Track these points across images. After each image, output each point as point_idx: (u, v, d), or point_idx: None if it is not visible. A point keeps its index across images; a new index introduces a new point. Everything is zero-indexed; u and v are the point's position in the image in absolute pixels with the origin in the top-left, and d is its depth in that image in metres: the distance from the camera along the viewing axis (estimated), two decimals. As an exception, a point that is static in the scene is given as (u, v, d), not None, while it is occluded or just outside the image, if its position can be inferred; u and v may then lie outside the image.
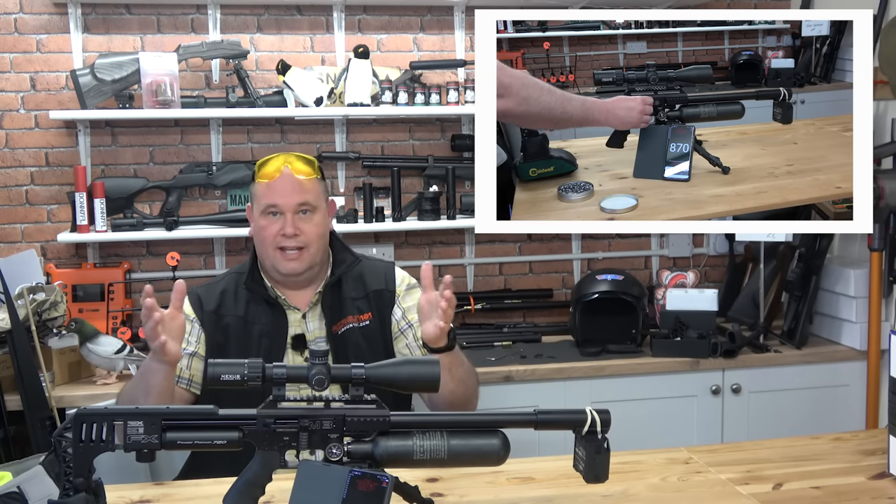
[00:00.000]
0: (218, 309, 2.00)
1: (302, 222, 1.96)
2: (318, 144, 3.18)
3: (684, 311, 2.89)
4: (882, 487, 1.57)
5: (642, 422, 2.73)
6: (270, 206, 1.96)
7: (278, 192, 1.96)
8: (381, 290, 2.07)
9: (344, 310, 2.02)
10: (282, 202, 1.95)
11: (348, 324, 2.01)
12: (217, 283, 2.07)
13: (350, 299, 2.03)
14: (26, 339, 2.42)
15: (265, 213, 1.97)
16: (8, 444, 2.42)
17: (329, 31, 3.16)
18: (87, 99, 2.81)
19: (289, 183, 1.96)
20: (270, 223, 1.96)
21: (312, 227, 1.97)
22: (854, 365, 2.90)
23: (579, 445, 1.37)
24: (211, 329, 1.99)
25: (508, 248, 3.35)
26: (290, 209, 1.95)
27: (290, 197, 1.96)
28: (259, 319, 1.99)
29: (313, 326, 2.02)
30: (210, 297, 2.02)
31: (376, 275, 2.09)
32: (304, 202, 1.97)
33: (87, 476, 1.26)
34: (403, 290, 2.09)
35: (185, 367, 1.95)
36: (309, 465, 1.29)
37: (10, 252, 2.92)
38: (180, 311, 1.75)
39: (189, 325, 1.98)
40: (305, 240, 1.96)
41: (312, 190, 1.99)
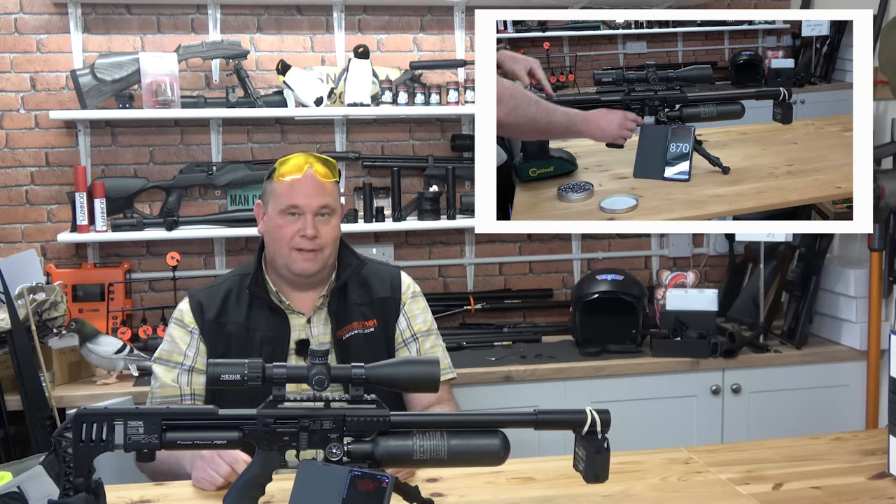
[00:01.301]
0: (219, 317, 1.97)
1: (321, 225, 1.94)
2: (318, 144, 3.18)
3: (684, 311, 2.89)
4: (882, 487, 1.57)
5: (642, 422, 2.73)
6: (292, 206, 1.93)
7: (300, 193, 1.93)
8: (386, 298, 2.05)
9: (349, 315, 2.00)
10: (304, 203, 1.93)
11: (353, 330, 2.00)
12: (220, 286, 2.03)
13: (355, 305, 2.02)
14: (26, 339, 2.42)
15: (284, 212, 1.94)
16: (8, 444, 2.42)
17: (329, 31, 3.16)
18: (87, 99, 2.81)
19: (311, 184, 1.94)
20: (289, 223, 1.94)
21: (330, 230, 1.96)
22: (854, 365, 2.90)
23: (579, 445, 1.37)
24: (212, 338, 1.96)
25: (508, 248, 3.35)
26: (311, 210, 1.93)
27: (313, 198, 1.93)
28: (261, 325, 1.97)
29: (318, 331, 1.99)
30: (212, 302, 1.99)
31: (382, 281, 2.07)
32: (326, 205, 1.95)
33: (87, 476, 1.26)
34: (409, 297, 2.08)
35: (185, 383, 1.94)
36: (309, 465, 1.29)
37: (10, 252, 2.92)
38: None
39: (188, 337, 1.97)
40: (322, 242, 1.94)
41: (332, 193, 1.98)
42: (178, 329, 1.99)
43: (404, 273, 2.13)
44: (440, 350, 2.10)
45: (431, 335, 2.09)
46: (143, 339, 2.86)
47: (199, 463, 1.62)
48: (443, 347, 2.12)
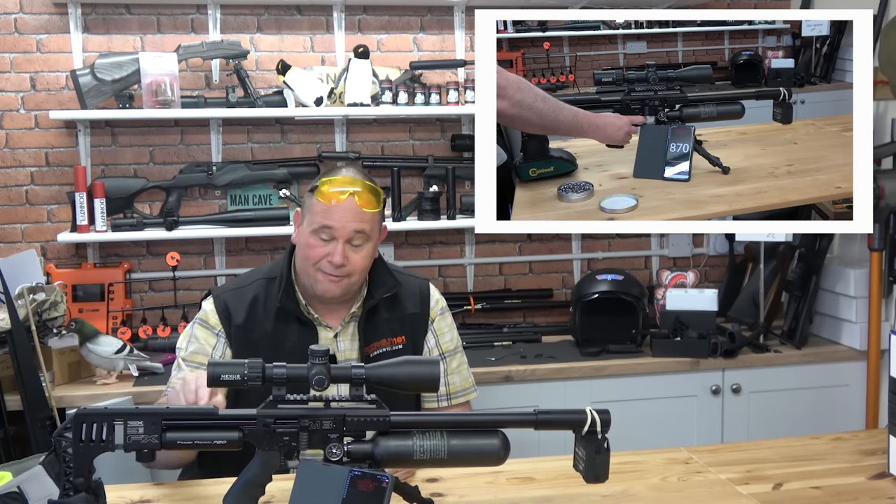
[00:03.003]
0: (246, 322, 1.91)
1: (352, 252, 1.87)
2: (318, 144, 3.18)
3: (684, 311, 2.89)
4: (882, 487, 1.57)
5: (642, 422, 2.73)
6: (325, 227, 1.86)
7: (337, 217, 1.86)
8: (416, 314, 2.01)
9: (379, 332, 1.96)
10: (338, 227, 1.85)
11: (382, 347, 1.95)
12: (246, 289, 1.96)
13: (385, 321, 1.97)
14: (26, 339, 2.42)
15: (317, 232, 1.87)
16: (8, 444, 2.42)
17: (329, 31, 3.16)
18: (87, 99, 2.81)
19: (350, 211, 1.86)
20: (319, 245, 1.87)
21: (360, 258, 1.89)
22: (854, 365, 2.90)
23: (579, 445, 1.37)
24: (239, 344, 1.91)
25: (508, 248, 3.35)
26: (343, 237, 1.86)
27: (349, 225, 1.86)
28: (289, 337, 1.92)
29: (345, 346, 1.95)
30: (239, 306, 1.93)
31: (411, 296, 2.02)
32: (360, 231, 1.87)
33: (87, 476, 1.26)
34: (437, 313, 2.04)
35: None
36: (309, 465, 1.29)
37: (10, 252, 2.92)
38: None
39: (214, 339, 1.92)
40: (351, 269, 1.88)
41: (371, 221, 1.89)
42: (202, 330, 1.93)
43: (433, 286, 2.08)
44: (465, 369, 2.07)
45: (458, 353, 2.07)
46: (143, 339, 2.86)
47: (178, 387, 1.58)
48: (467, 366, 2.09)
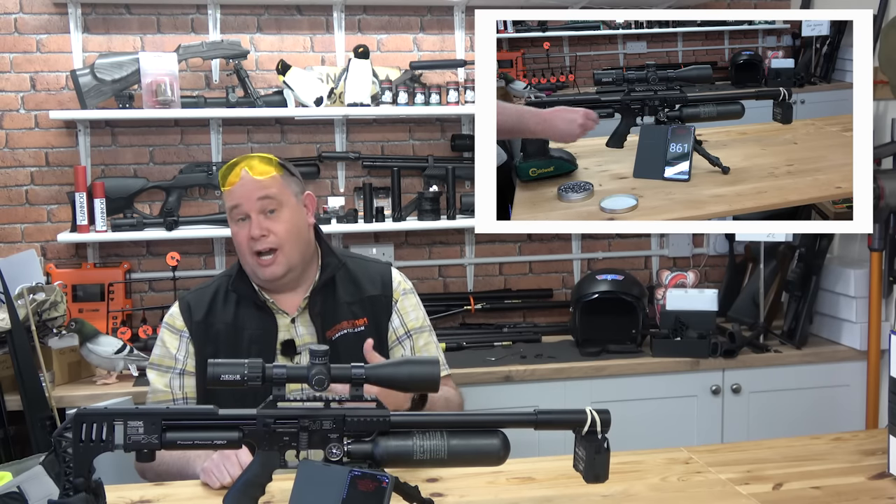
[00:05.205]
0: (207, 317, 1.96)
1: (269, 222, 1.91)
2: (318, 144, 3.18)
3: (684, 311, 2.89)
4: (882, 487, 1.57)
5: (642, 422, 2.73)
6: (234, 207, 1.92)
7: (238, 194, 1.91)
8: (377, 296, 2.02)
9: (338, 314, 1.98)
10: (244, 201, 1.91)
11: (343, 329, 1.97)
12: (208, 287, 2.02)
13: (345, 304, 1.99)
14: (26, 339, 2.42)
15: (234, 218, 1.94)
16: (8, 444, 2.42)
17: (329, 31, 3.16)
18: (87, 99, 2.81)
19: (248, 183, 1.91)
20: (240, 228, 1.92)
21: (280, 224, 1.91)
22: (854, 365, 2.90)
23: (579, 445, 1.37)
24: (200, 340, 1.95)
25: (508, 248, 3.35)
26: (253, 209, 1.91)
27: (251, 194, 1.91)
28: (248, 325, 1.95)
29: (303, 331, 1.97)
30: (200, 303, 1.98)
31: (371, 278, 2.04)
32: (265, 196, 1.90)
33: (87, 476, 1.26)
34: (401, 294, 2.05)
35: (177, 387, 1.94)
36: (309, 465, 1.29)
37: (10, 252, 2.92)
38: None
39: (177, 340, 1.96)
40: (276, 240, 1.91)
41: (273, 185, 1.93)
42: (168, 333, 1.98)
43: (395, 269, 2.09)
44: (433, 347, 2.08)
45: (425, 332, 2.06)
46: (142, 339, 2.86)
47: (217, 458, 1.62)
48: (436, 344, 2.09)
